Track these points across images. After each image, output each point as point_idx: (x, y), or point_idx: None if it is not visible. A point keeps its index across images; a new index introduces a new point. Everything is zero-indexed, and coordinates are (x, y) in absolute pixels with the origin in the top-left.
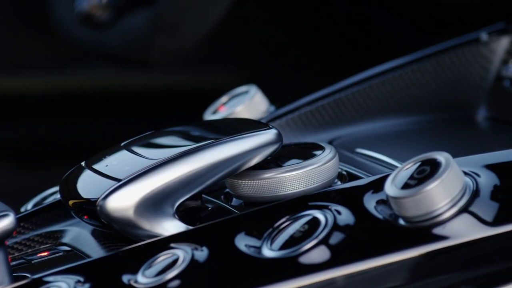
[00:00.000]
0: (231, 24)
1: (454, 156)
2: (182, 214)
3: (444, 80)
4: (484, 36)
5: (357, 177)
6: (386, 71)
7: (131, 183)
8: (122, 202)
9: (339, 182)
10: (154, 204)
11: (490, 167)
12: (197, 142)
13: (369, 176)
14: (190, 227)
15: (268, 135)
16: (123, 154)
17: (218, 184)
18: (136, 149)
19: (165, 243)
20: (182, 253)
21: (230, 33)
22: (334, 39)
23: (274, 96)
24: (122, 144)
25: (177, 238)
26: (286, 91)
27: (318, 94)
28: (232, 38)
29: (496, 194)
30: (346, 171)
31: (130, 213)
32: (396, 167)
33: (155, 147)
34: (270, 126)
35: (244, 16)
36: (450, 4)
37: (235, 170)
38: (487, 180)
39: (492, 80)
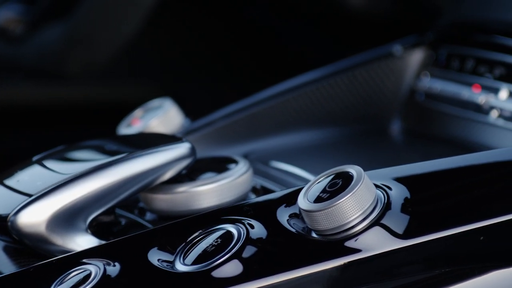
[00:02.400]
0: (146, 37)
1: (367, 169)
2: (95, 229)
3: (359, 93)
4: (397, 49)
5: (271, 191)
6: (301, 85)
7: (42, 198)
8: (34, 217)
9: (253, 196)
10: (66, 219)
11: (401, 180)
12: (110, 156)
13: (283, 190)
14: (103, 242)
15: (181, 149)
16: (35, 169)
17: (133, 198)
18: (48, 163)
19: (77, 258)
20: (94, 269)
21: (146, 46)
22: (252, 51)
23: (192, 109)
24: (34, 158)
25: (90, 253)
26: (204, 103)
27: (233, 107)
28: (148, 51)
29: (406, 206)
30: (260, 184)
31: (41, 229)
32: (310, 180)
33: (67, 161)
34: (184, 140)
35: (159, 28)
36: (363, 16)
37: (148, 184)
38: (398, 193)
39: (406, 93)
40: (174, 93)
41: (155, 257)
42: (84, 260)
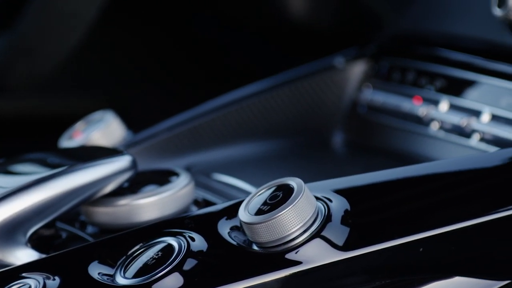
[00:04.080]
0: (90, 48)
1: (308, 181)
2: (36, 242)
3: (301, 105)
4: (339, 61)
5: (212, 203)
6: (244, 97)
7: None
8: None
9: (195, 208)
10: (5, 233)
11: (341, 192)
12: (51, 169)
13: (224, 202)
14: (44, 256)
15: (122, 162)
16: None
17: (74, 211)
18: None
19: (17, 272)
20: (34, 283)
21: (90, 57)
22: (200, 63)
23: (138, 121)
24: None
25: (29, 267)
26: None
27: (175, 120)
28: (93, 63)
29: (346, 218)
30: (202, 197)
31: None
32: (251, 192)
33: (7, 174)
34: (125, 153)
35: (105, 40)
36: (307, 28)
37: (89, 197)
38: (338, 205)
39: (348, 105)
40: (119, 105)
41: (96, 270)
42: (23, 274)
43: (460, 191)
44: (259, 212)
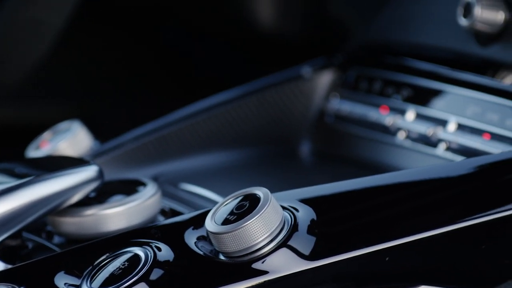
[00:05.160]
0: (58, 57)
1: (276, 190)
2: (1, 253)
3: (269, 115)
4: (306, 71)
5: (180, 213)
6: (211, 107)
7: None
8: None
9: (162, 218)
10: None
11: (308, 201)
12: (17, 179)
13: (191, 212)
14: (10, 266)
15: (89, 172)
16: None
17: (40, 221)
18: None
19: None
20: None
21: (59, 67)
22: (169, 72)
23: (107, 130)
24: None
25: None
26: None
27: (143, 129)
28: (60, 71)
29: (313, 228)
30: (169, 207)
31: None
32: (219, 202)
33: None
34: (91, 163)
35: (73, 49)
36: (275, 38)
37: (55, 207)
38: (305, 214)
39: (315, 115)
40: (87, 114)
41: (62, 281)
42: None
43: (427, 200)
44: (225, 222)
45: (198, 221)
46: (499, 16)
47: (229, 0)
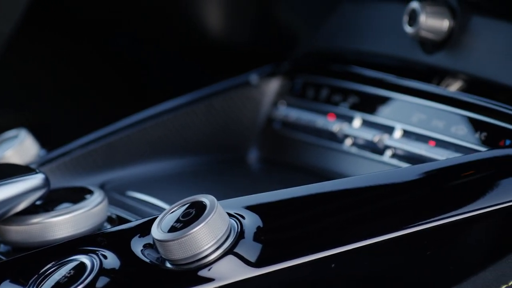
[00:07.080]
0: (5, 64)
1: (223, 198)
2: None
3: (216, 122)
4: (254, 78)
5: (126, 220)
6: (159, 114)
7: None
8: None
9: (108, 226)
10: None
11: (254, 208)
12: None
13: (138, 220)
14: None
15: (34, 180)
16: None
17: None
18: None
19: None
20: None
21: (5, 74)
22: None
23: (52, 138)
24: None
25: None
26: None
27: (90, 137)
28: (7, 79)
29: (259, 235)
30: (116, 214)
31: None
32: (165, 209)
33: None
34: (37, 171)
35: (21, 56)
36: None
37: (1, 216)
38: (251, 221)
39: (263, 122)
40: (35, 123)
41: None
42: None
43: (373, 207)
44: (172, 229)
45: (144, 229)
46: (444, 24)
47: (178, 8)
